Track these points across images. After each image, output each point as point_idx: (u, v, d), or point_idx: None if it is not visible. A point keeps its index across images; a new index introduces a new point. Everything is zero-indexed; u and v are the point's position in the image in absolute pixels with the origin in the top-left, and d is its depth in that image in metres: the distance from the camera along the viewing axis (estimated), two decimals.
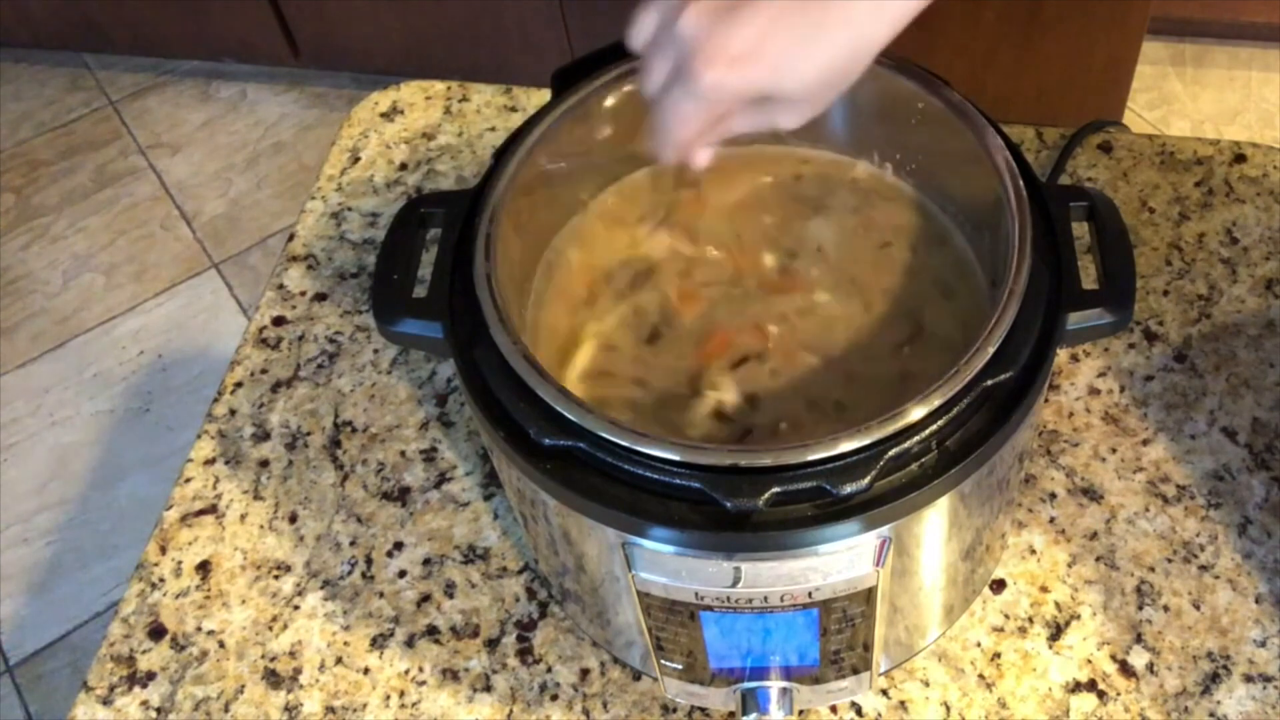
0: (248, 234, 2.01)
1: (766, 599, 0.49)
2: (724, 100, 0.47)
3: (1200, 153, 0.81)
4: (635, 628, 0.55)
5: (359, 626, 0.66)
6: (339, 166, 0.88)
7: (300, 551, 0.69)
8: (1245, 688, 0.60)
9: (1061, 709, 0.60)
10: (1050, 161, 0.81)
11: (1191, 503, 0.66)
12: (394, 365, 0.77)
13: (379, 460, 0.73)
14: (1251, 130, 1.94)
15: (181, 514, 0.72)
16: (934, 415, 0.47)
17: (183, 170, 2.11)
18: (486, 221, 0.55)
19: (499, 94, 0.91)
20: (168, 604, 0.68)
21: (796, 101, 0.47)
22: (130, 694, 0.65)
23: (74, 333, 1.90)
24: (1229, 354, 0.72)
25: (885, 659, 0.59)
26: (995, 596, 0.64)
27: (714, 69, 0.45)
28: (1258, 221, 0.77)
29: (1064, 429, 0.69)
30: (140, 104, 2.23)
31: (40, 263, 2.00)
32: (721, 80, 0.45)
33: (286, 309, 0.81)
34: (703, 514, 0.46)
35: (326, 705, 0.64)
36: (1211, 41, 2.05)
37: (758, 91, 0.46)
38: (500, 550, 0.68)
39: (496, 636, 0.65)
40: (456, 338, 0.53)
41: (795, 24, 0.45)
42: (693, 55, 0.45)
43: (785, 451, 0.46)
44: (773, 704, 0.56)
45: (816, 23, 0.45)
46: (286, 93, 2.22)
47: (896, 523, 0.48)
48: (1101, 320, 0.52)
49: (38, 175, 2.13)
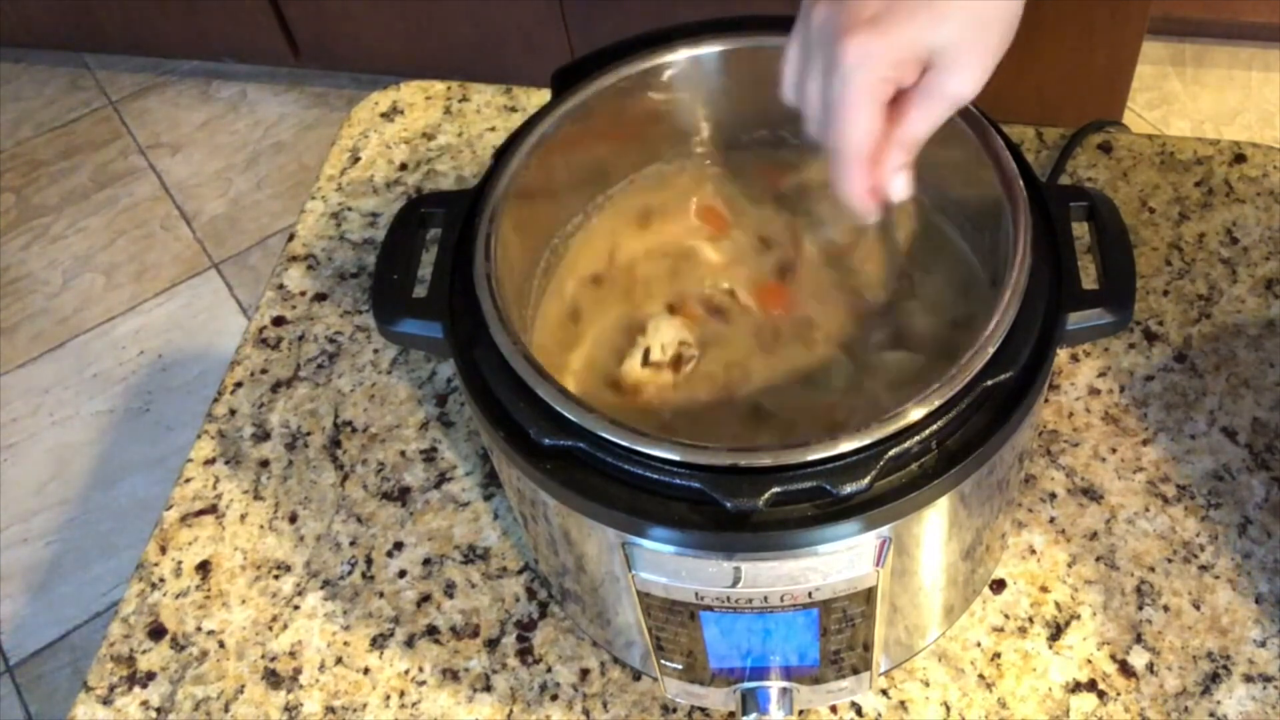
0: (248, 234, 2.01)
1: (766, 599, 0.49)
2: (875, 71, 0.44)
3: (1200, 153, 0.81)
4: (635, 628, 0.55)
5: (359, 626, 0.66)
6: (339, 166, 0.88)
7: (300, 551, 0.69)
8: (1245, 688, 0.60)
9: (1061, 709, 0.60)
10: (1050, 161, 0.81)
11: (1191, 503, 0.66)
12: (394, 365, 0.77)
13: (379, 460, 0.73)
14: (1251, 130, 1.94)
15: (181, 514, 0.72)
16: (934, 415, 0.47)
17: (183, 170, 2.11)
18: (486, 221, 0.55)
19: (499, 94, 0.91)
20: (168, 604, 0.68)
21: (956, 55, 0.45)
22: (130, 694, 0.65)
23: (74, 333, 1.90)
24: (1229, 354, 0.72)
25: (885, 659, 0.59)
26: (995, 596, 0.64)
27: (855, 36, 0.43)
28: (1258, 221, 0.77)
29: (1064, 429, 0.69)
30: (140, 104, 2.23)
31: (40, 263, 2.00)
32: (867, 45, 0.43)
33: (286, 309, 0.81)
34: (703, 514, 0.46)
35: (326, 705, 0.64)
36: (1211, 41, 2.05)
37: (909, 49, 0.44)
38: (500, 550, 0.68)
39: (496, 636, 0.65)
40: (456, 338, 0.53)
41: None
42: (833, 38, 0.44)
43: (785, 451, 0.46)
44: (773, 704, 0.56)
45: None
46: (286, 93, 2.22)
47: (896, 523, 0.48)
48: (1101, 320, 0.52)
49: (38, 175, 2.13)
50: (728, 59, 0.61)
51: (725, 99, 0.63)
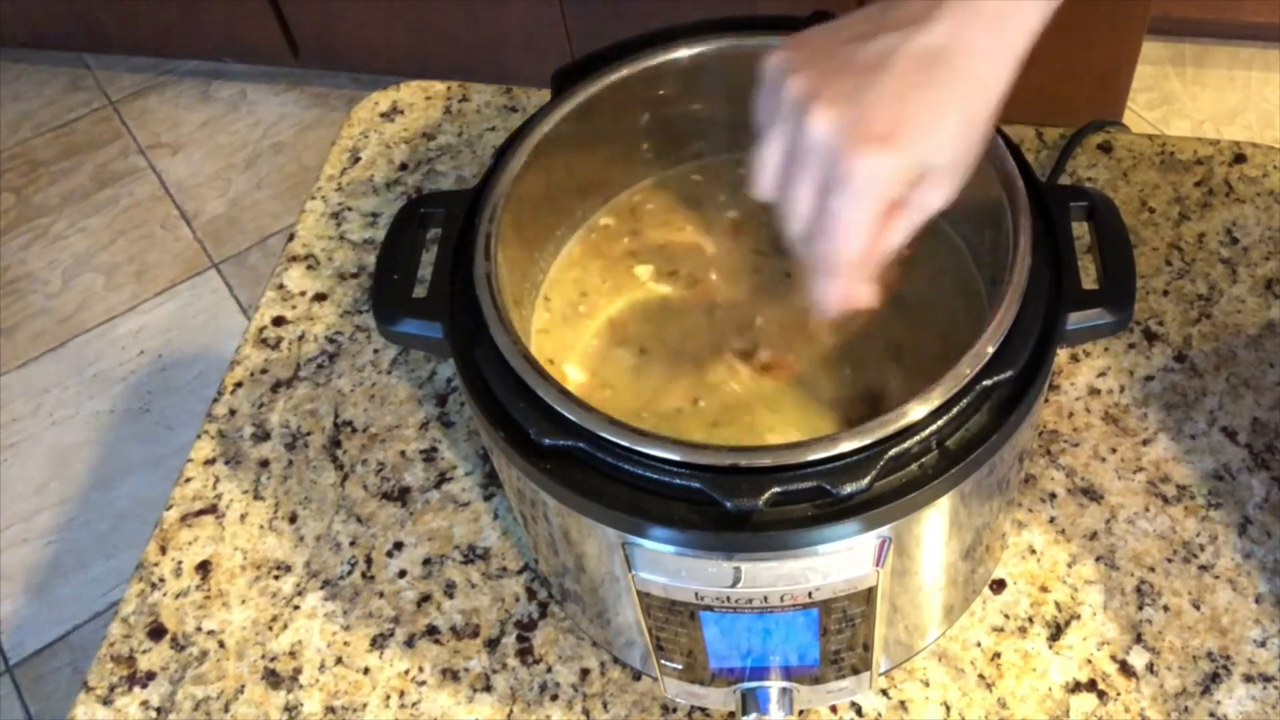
0: (248, 234, 2.01)
1: (766, 599, 0.49)
2: (883, 188, 0.43)
3: (1200, 153, 0.81)
4: (635, 628, 0.55)
5: (359, 626, 0.66)
6: (339, 166, 0.88)
7: (300, 551, 0.69)
8: (1245, 688, 0.60)
9: (1061, 709, 0.60)
10: (1050, 161, 0.81)
11: (1191, 503, 0.66)
12: (394, 365, 0.77)
13: (379, 460, 0.73)
14: (1251, 130, 1.94)
15: (181, 514, 0.72)
16: (934, 415, 0.47)
17: (183, 170, 2.11)
18: (486, 221, 0.55)
19: (499, 94, 0.91)
20: (168, 604, 0.68)
21: (944, 172, 0.44)
22: (130, 694, 0.65)
23: (74, 333, 1.90)
24: (1229, 354, 0.72)
25: (885, 659, 0.59)
26: (995, 596, 0.64)
27: (865, 155, 0.42)
28: (1258, 221, 0.77)
29: (1064, 429, 0.69)
30: (140, 104, 2.23)
31: (40, 263, 2.00)
32: (876, 164, 0.42)
33: (286, 309, 0.81)
34: (703, 514, 0.46)
35: (326, 705, 0.64)
36: (1211, 41, 2.05)
37: (912, 168, 0.43)
38: (500, 550, 0.68)
39: (496, 636, 0.65)
40: (456, 338, 0.53)
41: (923, 88, 0.42)
42: (840, 154, 0.42)
43: (785, 451, 0.46)
44: (773, 704, 0.56)
45: (943, 82, 0.42)
46: (286, 93, 2.22)
47: (896, 523, 0.48)
48: (1101, 320, 0.52)
49: (38, 175, 2.13)
50: (728, 59, 0.61)
51: (726, 99, 0.62)
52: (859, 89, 0.42)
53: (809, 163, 0.43)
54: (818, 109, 0.42)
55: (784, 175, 0.45)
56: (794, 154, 0.44)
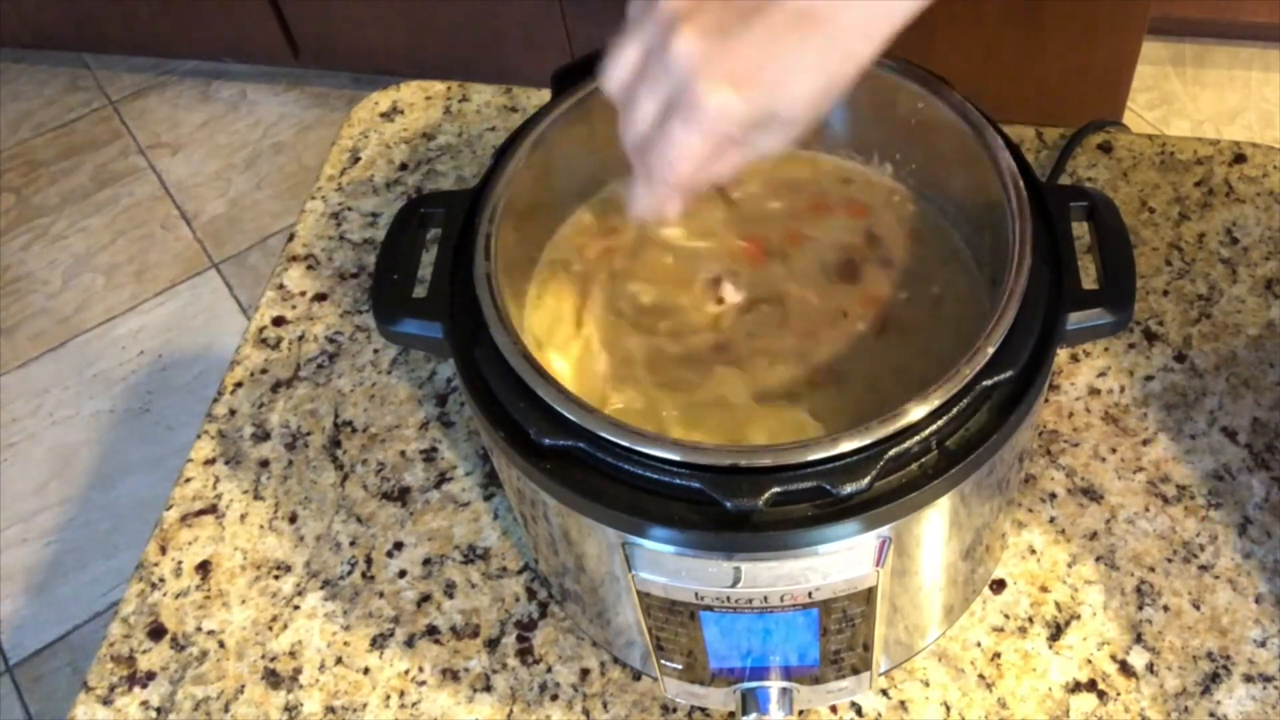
0: (248, 234, 2.01)
1: (766, 599, 0.49)
2: (724, 126, 0.44)
3: (1200, 153, 0.81)
4: (635, 628, 0.55)
5: (359, 626, 0.66)
6: (339, 166, 0.88)
7: (300, 551, 0.69)
8: (1245, 688, 0.60)
9: (1061, 709, 0.60)
10: (1050, 161, 0.81)
11: (1191, 503, 0.66)
12: (394, 365, 0.77)
13: (379, 460, 0.73)
14: (1251, 130, 1.94)
15: (181, 514, 0.72)
16: (934, 415, 0.47)
17: (183, 170, 2.11)
18: (486, 221, 0.55)
19: (499, 94, 0.91)
20: (168, 604, 0.68)
21: (786, 124, 0.45)
22: (130, 694, 0.65)
23: (74, 333, 1.90)
24: (1229, 354, 0.72)
25: (885, 659, 0.59)
26: (995, 596, 0.64)
27: (719, 91, 0.43)
28: (1258, 221, 0.77)
29: (1064, 429, 0.69)
30: (140, 104, 2.23)
31: (40, 263, 2.00)
32: (724, 102, 0.43)
33: (286, 309, 0.81)
34: (703, 514, 0.46)
35: (326, 705, 0.64)
36: (1211, 41, 2.05)
37: (761, 112, 0.44)
38: (500, 550, 0.68)
39: (496, 636, 0.65)
40: (456, 338, 0.53)
41: (791, 45, 0.43)
42: (694, 79, 0.43)
43: (785, 451, 0.46)
44: (773, 704, 0.56)
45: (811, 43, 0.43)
46: (286, 93, 2.22)
47: (896, 523, 0.48)
48: (1101, 320, 0.52)
49: (38, 175, 2.13)
50: None
51: None
52: (730, 26, 0.43)
53: (661, 79, 0.44)
54: (686, 31, 0.43)
55: (634, 79, 0.46)
56: (650, 64, 0.45)
